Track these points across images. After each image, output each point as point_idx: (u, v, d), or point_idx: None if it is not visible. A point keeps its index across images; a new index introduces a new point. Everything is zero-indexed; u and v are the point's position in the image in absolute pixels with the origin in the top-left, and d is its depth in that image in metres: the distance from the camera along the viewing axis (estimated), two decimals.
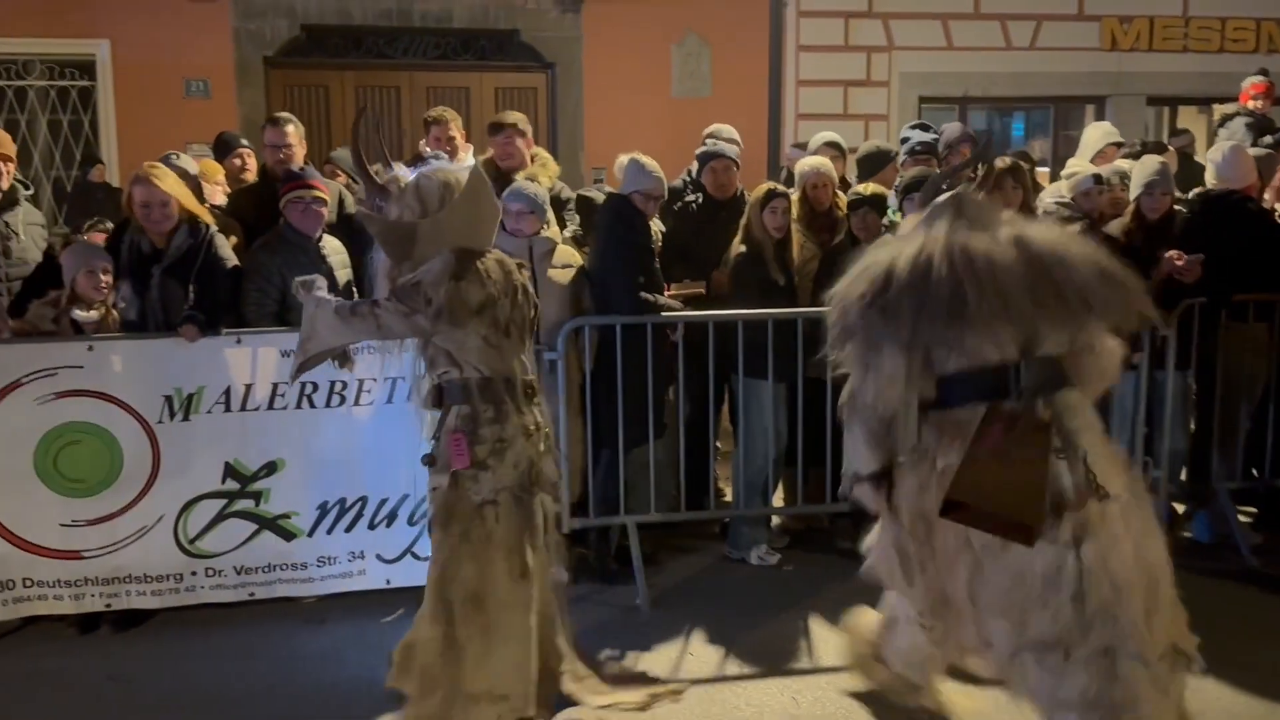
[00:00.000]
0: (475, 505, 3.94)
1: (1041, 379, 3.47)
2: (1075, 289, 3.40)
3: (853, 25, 10.70)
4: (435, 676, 3.96)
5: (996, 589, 3.45)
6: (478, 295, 3.89)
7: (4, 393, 4.78)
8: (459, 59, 10.48)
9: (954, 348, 3.49)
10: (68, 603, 4.95)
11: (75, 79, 9.73)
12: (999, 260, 3.41)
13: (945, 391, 3.57)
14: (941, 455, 3.53)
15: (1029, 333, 3.46)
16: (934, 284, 3.41)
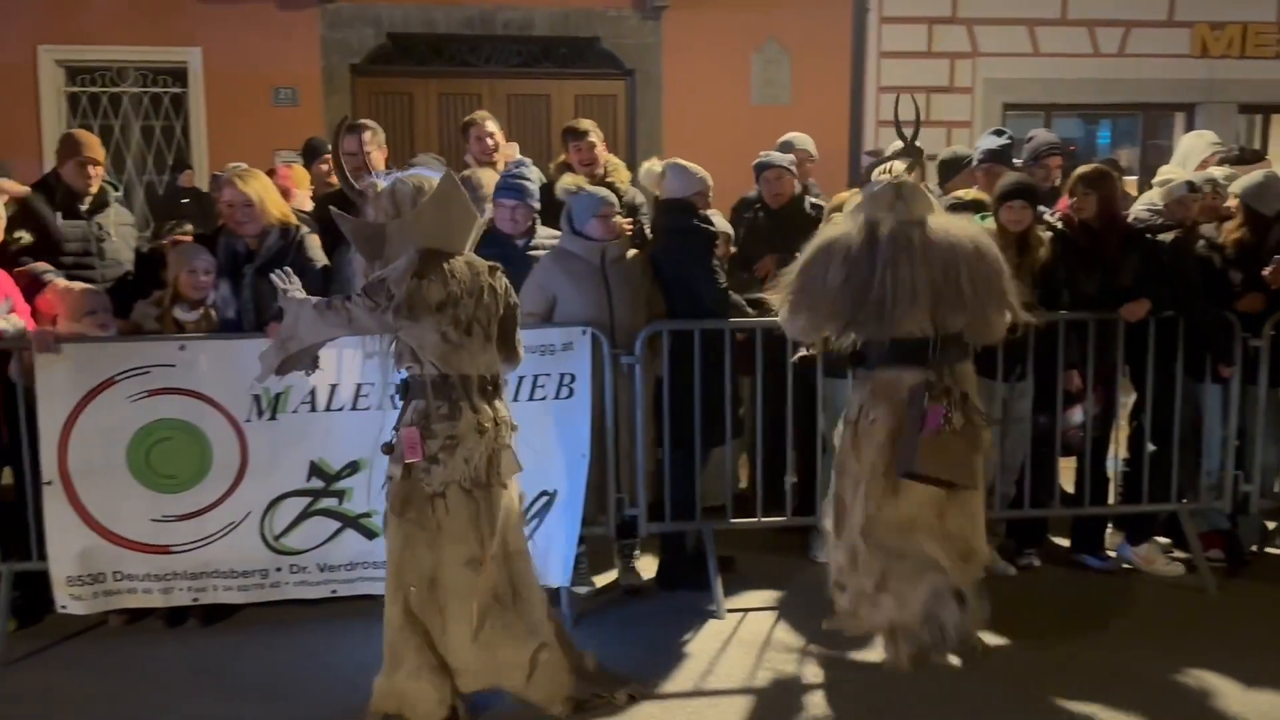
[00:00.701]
0: (427, 496, 4.13)
1: (949, 351, 4.56)
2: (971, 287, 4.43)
3: (936, 31, 10.60)
4: (399, 651, 4.19)
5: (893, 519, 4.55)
6: (438, 293, 4.05)
7: (98, 390, 4.90)
8: (539, 66, 10.57)
9: (889, 327, 4.47)
10: (156, 596, 5.05)
11: (167, 86, 9.97)
12: (917, 259, 4.41)
13: (876, 353, 4.61)
14: (872, 409, 4.61)
15: (940, 316, 4.48)
16: (873, 290, 4.41)
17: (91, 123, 9.83)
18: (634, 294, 5.40)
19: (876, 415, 4.59)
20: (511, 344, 4.38)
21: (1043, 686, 4.51)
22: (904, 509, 4.55)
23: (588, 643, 4.95)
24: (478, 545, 4.16)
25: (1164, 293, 5.56)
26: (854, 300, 4.47)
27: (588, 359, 5.22)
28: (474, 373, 4.17)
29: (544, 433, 5.22)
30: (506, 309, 4.32)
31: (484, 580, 4.20)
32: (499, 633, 4.24)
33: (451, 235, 4.18)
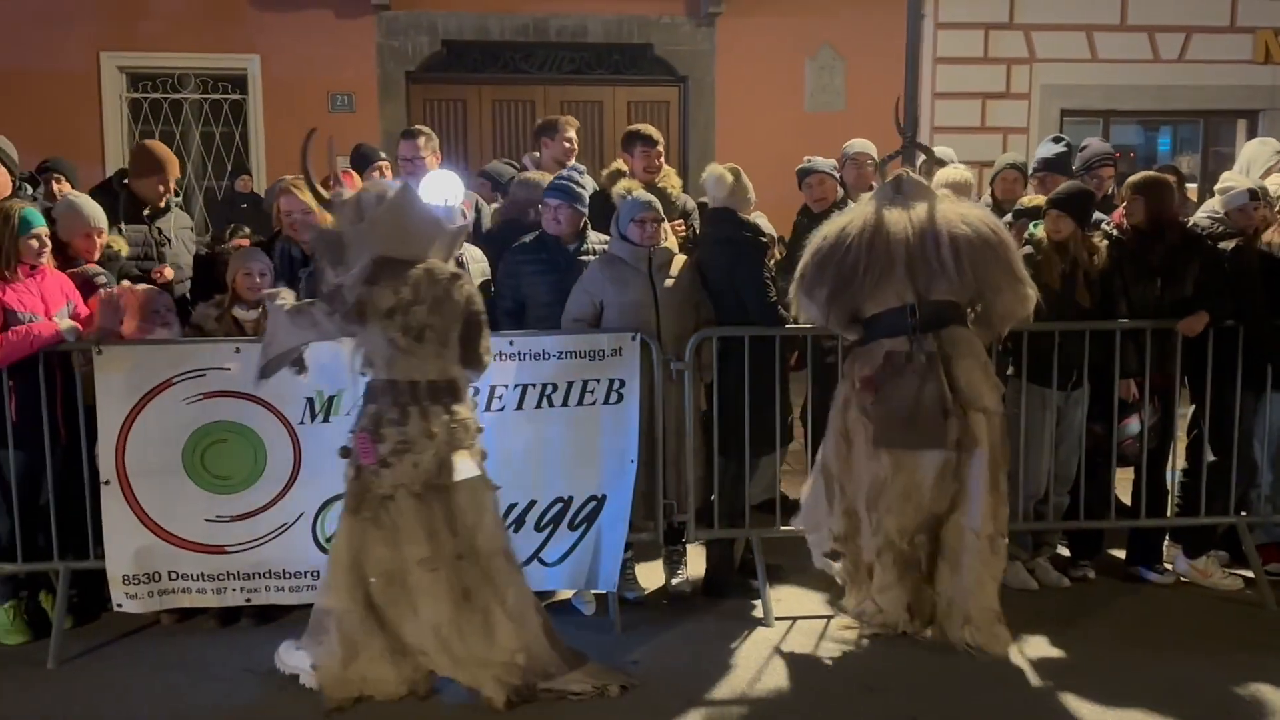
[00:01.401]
0: (379, 497, 4.29)
1: (931, 316, 4.73)
2: (952, 253, 4.68)
3: (993, 37, 10.51)
4: (356, 640, 4.35)
5: (894, 493, 4.76)
6: (387, 300, 4.20)
7: (155, 392, 4.97)
8: (593, 73, 10.60)
9: (870, 298, 4.78)
10: (210, 596, 5.10)
11: (227, 92, 10.11)
12: (896, 232, 4.72)
13: (868, 329, 4.86)
14: (854, 376, 4.84)
15: (919, 284, 4.71)
16: (846, 254, 4.77)
17: (153, 129, 10.00)
18: (682, 300, 5.39)
19: (858, 380, 4.86)
20: (475, 351, 4.46)
21: (1097, 699, 4.44)
22: (905, 479, 4.76)
23: (634, 648, 4.98)
24: (429, 547, 4.29)
25: (1225, 303, 5.48)
26: (832, 268, 4.82)
27: (637, 364, 5.22)
28: (424, 378, 4.30)
29: (593, 438, 5.24)
30: (469, 316, 4.41)
31: (445, 579, 4.31)
32: (464, 630, 4.35)
33: (409, 243, 4.32)
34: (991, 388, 4.83)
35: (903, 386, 4.71)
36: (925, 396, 4.67)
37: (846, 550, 5.03)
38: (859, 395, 4.83)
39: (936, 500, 4.79)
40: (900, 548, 4.85)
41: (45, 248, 5.05)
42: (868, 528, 4.87)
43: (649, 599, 5.59)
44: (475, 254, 5.65)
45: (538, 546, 5.25)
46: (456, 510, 4.35)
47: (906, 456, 4.74)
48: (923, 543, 4.88)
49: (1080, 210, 5.55)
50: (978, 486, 4.73)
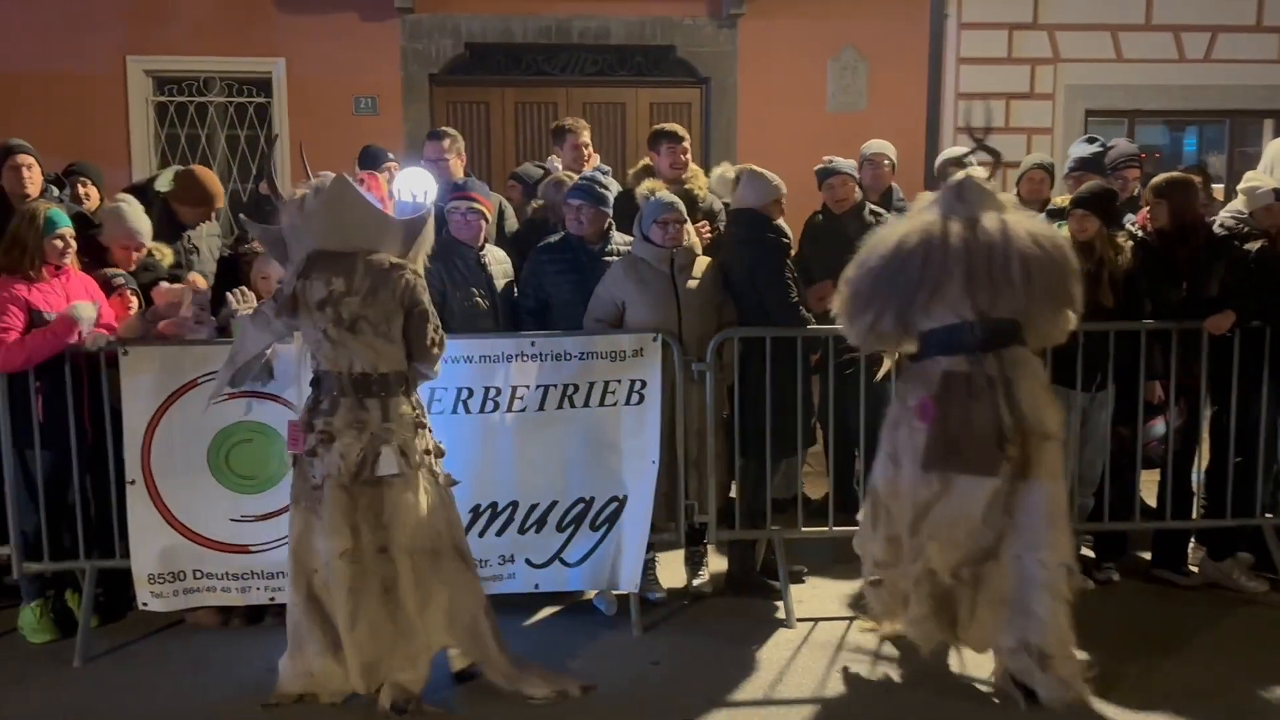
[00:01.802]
0: (310, 488, 4.36)
1: (993, 334, 4.42)
2: (1022, 272, 4.34)
3: (1017, 37, 10.44)
4: (302, 633, 4.42)
5: (939, 518, 4.43)
6: (318, 292, 4.27)
7: (181, 392, 5.01)
8: (615, 75, 10.60)
9: (925, 313, 4.46)
10: (235, 595, 5.13)
11: (252, 96, 10.17)
12: (955, 245, 4.38)
13: (922, 345, 4.56)
14: (911, 396, 4.54)
15: (980, 301, 4.38)
16: (900, 269, 4.44)
17: (178, 132, 10.05)
18: (704, 301, 5.40)
19: (914, 402, 4.56)
20: (420, 344, 4.42)
21: (1120, 703, 4.42)
22: (954, 506, 4.44)
23: (656, 649, 4.98)
24: (350, 539, 4.30)
25: (1251, 303, 5.44)
26: (886, 283, 4.51)
27: (658, 365, 5.22)
28: (356, 370, 4.32)
29: (614, 439, 5.25)
30: (411, 308, 4.38)
31: (364, 574, 4.33)
32: (380, 628, 4.36)
33: (346, 235, 4.34)
34: (1055, 411, 4.54)
35: (961, 409, 4.39)
36: (983, 420, 4.35)
37: (886, 578, 4.72)
38: (912, 416, 4.53)
39: (984, 532, 4.42)
40: (941, 580, 4.50)
41: (69, 248, 5.09)
42: (908, 554, 4.56)
43: (670, 599, 5.59)
44: (498, 255, 5.67)
45: (559, 547, 5.27)
46: (384, 504, 4.36)
47: (957, 481, 4.41)
48: (968, 578, 4.49)
49: (1105, 210, 5.52)
50: (1037, 518, 4.38)
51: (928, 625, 4.57)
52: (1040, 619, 4.35)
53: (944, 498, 4.44)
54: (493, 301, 5.52)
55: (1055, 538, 4.39)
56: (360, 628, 4.33)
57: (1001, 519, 4.41)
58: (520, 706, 4.45)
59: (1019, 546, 4.41)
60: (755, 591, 5.57)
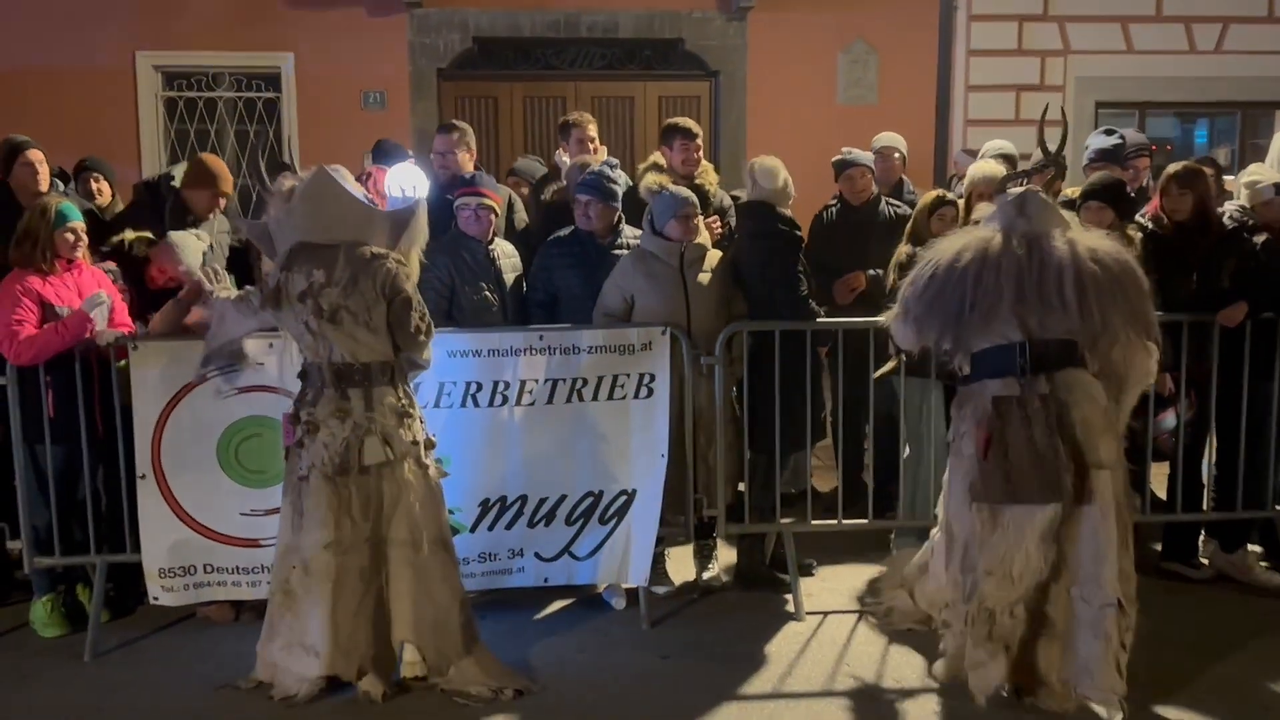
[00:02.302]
0: (297, 479, 4.40)
1: (1044, 356, 4.24)
2: (1076, 291, 4.14)
3: (1026, 29, 10.41)
4: (275, 624, 4.48)
5: (992, 553, 4.23)
6: (299, 284, 4.32)
7: (190, 387, 5.01)
8: (624, 68, 10.59)
9: (978, 333, 4.30)
10: (245, 589, 5.14)
11: (261, 91, 10.18)
12: (1008, 263, 4.20)
13: (974, 367, 4.39)
14: (959, 424, 4.43)
15: (1029, 321, 4.23)
16: (957, 285, 4.25)
17: (188, 127, 10.08)
18: (713, 296, 5.39)
19: (965, 430, 4.40)
20: (405, 332, 4.43)
21: (1133, 698, 4.38)
22: (1008, 539, 4.22)
23: (665, 642, 4.98)
24: (334, 531, 4.34)
25: (1262, 294, 5.41)
26: (938, 304, 4.33)
27: (667, 359, 5.22)
28: (339, 360, 4.35)
29: (623, 432, 5.25)
30: (393, 296, 4.39)
31: (349, 566, 4.37)
32: (360, 617, 4.41)
33: (328, 227, 4.38)
34: (1112, 439, 4.30)
35: (1016, 436, 4.16)
36: (1042, 444, 4.12)
37: (952, 619, 4.48)
38: (967, 447, 4.35)
39: (1039, 566, 4.21)
40: (1001, 620, 4.26)
41: (81, 242, 5.10)
42: (961, 592, 4.35)
43: (679, 593, 5.59)
44: (506, 249, 5.67)
45: (569, 540, 5.27)
46: (370, 494, 4.39)
47: (1005, 511, 4.21)
48: (1022, 616, 4.27)
49: (1119, 200, 5.50)
50: (1084, 554, 4.20)
51: (989, 670, 4.29)
52: (1083, 659, 4.21)
53: (995, 530, 4.25)
54: (501, 296, 5.52)
55: (1102, 573, 4.18)
56: (341, 617, 4.36)
57: (1053, 547, 4.21)
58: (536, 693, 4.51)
59: (1069, 582, 4.25)
60: (764, 585, 5.57)
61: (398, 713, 4.37)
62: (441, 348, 5.10)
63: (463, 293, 5.41)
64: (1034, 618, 4.28)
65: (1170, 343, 5.46)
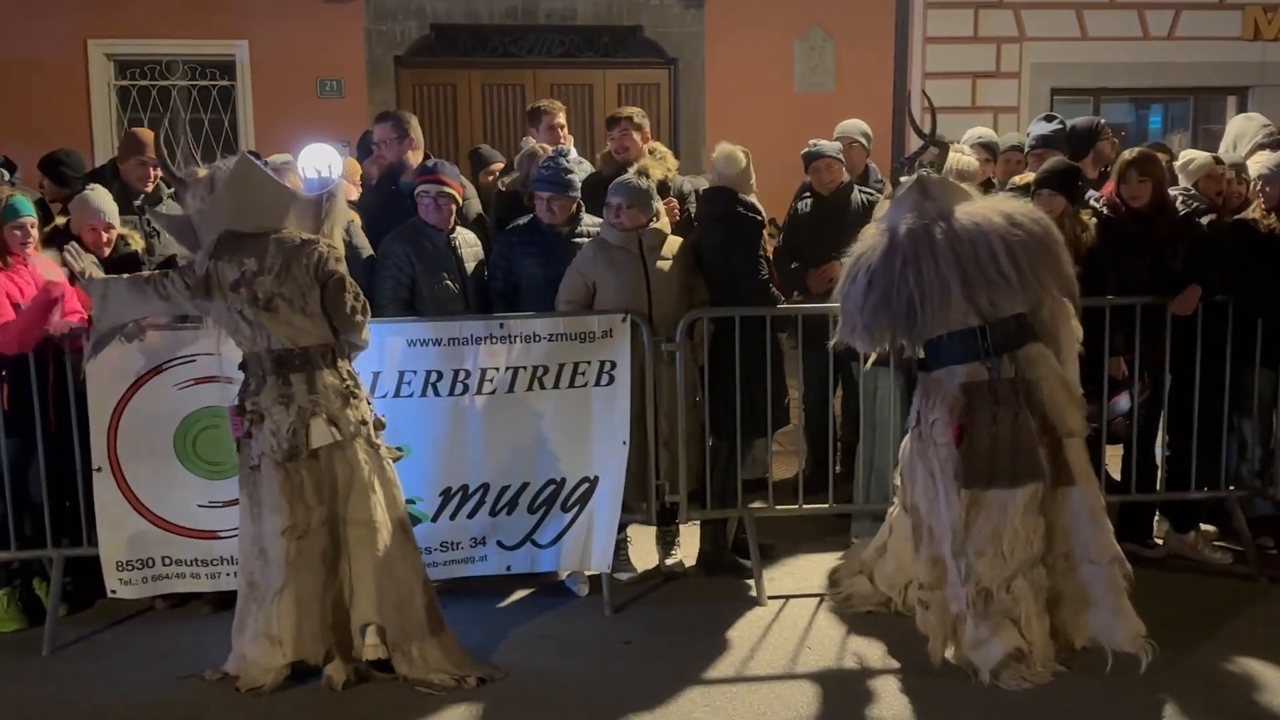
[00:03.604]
0: (249, 469, 4.40)
1: (1005, 337, 4.36)
2: (1010, 261, 4.27)
3: (982, 15, 10.49)
4: (243, 618, 4.46)
5: (981, 534, 4.35)
6: (231, 274, 4.29)
7: (147, 378, 4.97)
8: (582, 56, 10.58)
9: (934, 324, 4.36)
10: (204, 581, 5.10)
11: (216, 79, 10.08)
12: (942, 248, 4.29)
13: (931, 353, 4.49)
14: (929, 412, 4.49)
15: (981, 303, 4.32)
16: (900, 286, 4.33)
17: (141, 116, 9.97)
18: (674, 282, 5.40)
19: (936, 417, 4.50)
20: (341, 314, 4.42)
21: (1089, 673, 4.47)
22: (993, 519, 4.37)
23: (628, 629, 4.99)
24: (290, 516, 4.33)
25: (1214, 277, 5.48)
26: (886, 312, 4.43)
27: (627, 346, 5.22)
28: (278, 347, 4.35)
29: (584, 420, 5.25)
30: (326, 279, 4.39)
31: (309, 548, 4.36)
32: (323, 599, 4.42)
33: (255, 214, 4.37)
34: (1076, 408, 4.51)
35: (989, 421, 4.32)
36: (1016, 427, 4.30)
37: (933, 600, 4.59)
38: (936, 433, 4.48)
39: (1029, 539, 4.37)
40: (999, 596, 4.39)
41: (30, 238, 5.03)
42: (955, 576, 4.46)
43: (642, 579, 5.61)
44: (468, 238, 5.64)
45: (531, 528, 5.27)
46: (323, 477, 4.40)
47: (991, 493, 4.35)
48: (1025, 592, 4.40)
49: (1070, 187, 5.55)
50: (1082, 520, 4.46)
51: (991, 648, 4.39)
52: (1105, 616, 4.49)
53: (980, 512, 4.38)
54: (463, 285, 5.50)
55: (1101, 537, 4.47)
56: (304, 602, 4.36)
57: (1039, 519, 4.39)
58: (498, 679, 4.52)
59: (1067, 548, 4.48)
60: (727, 570, 5.59)
61: (359, 701, 4.36)
62: (401, 336, 5.09)
63: (424, 282, 5.39)
64: (1039, 593, 4.44)
65: (1123, 326, 5.53)
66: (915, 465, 4.62)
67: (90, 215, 5.33)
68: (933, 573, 4.58)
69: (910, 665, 4.62)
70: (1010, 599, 4.40)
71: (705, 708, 4.33)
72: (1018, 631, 4.40)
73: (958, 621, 4.51)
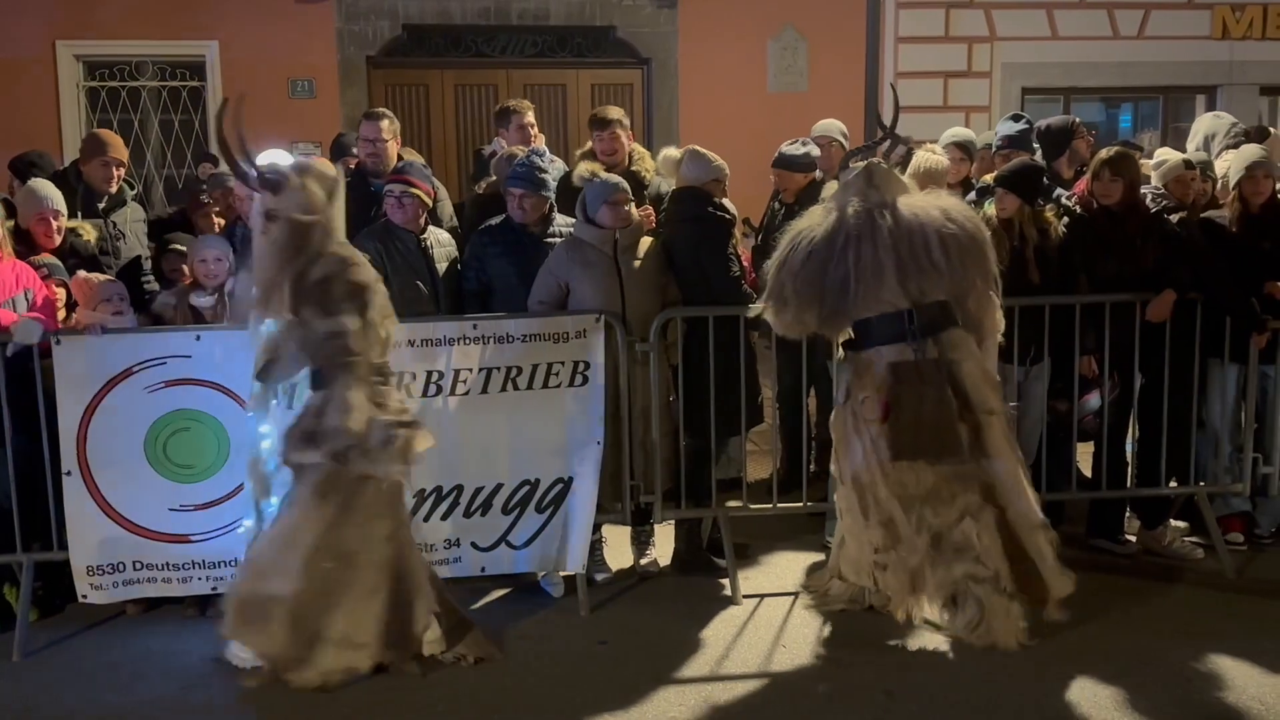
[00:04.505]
0: (355, 479, 4.36)
1: (930, 321, 4.64)
2: (943, 253, 4.57)
3: (953, 15, 10.55)
4: (308, 624, 4.34)
5: (925, 490, 4.62)
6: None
7: (116, 381, 4.93)
8: (555, 56, 10.57)
9: (862, 305, 4.64)
10: (175, 585, 5.07)
11: (186, 79, 10.02)
12: (882, 235, 4.58)
13: (861, 334, 4.76)
14: (859, 390, 4.74)
15: (911, 289, 4.59)
16: (836, 262, 4.63)
17: (111, 117, 9.90)
18: (647, 282, 5.39)
19: (866, 395, 4.75)
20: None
21: (1060, 671, 4.50)
22: (926, 478, 4.66)
23: (603, 629, 5.00)
24: (393, 520, 4.46)
25: (1185, 275, 5.52)
26: (819, 284, 4.68)
27: (601, 346, 5.22)
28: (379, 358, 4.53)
29: (558, 420, 5.25)
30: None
31: (400, 553, 4.51)
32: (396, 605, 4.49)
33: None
34: (993, 388, 4.77)
35: (916, 399, 4.60)
36: (939, 405, 4.58)
37: (890, 561, 4.80)
38: (865, 409, 4.72)
39: (963, 490, 4.66)
40: (951, 538, 4.67)
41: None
42: (909, 529, 4.71)
43: (617, 579, 5.61)
44: (441, 237, 5.63)
45: (506, 529, 5.26)
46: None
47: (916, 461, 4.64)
48: (970, 526, 4.66)
49: (1026, 188, 5.57)
50: (1012, 484, 4.69)
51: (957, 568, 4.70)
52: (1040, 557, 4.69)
53: (922, 477, 4.65)
54: (434, 287, 5.48)
55: (1022, 501, 4.68)
56: (379, 604, 4.43)
57: (975, 490, 4.66)
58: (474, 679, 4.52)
59: (1003, 510, 4.70)
60: (702, 569, 5.60)
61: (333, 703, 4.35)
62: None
63: (393, 281, 5.35)
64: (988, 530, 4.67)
65: (1093, 327, 5.57)
66: (851, 439, 4.84)
67: (37, 205, 5.31)
68: (886, 536, 4.77)
69: (884, 662, 4.64)
70: (961, 534, 4.66)
71: (680, 707, 4.34)
72: (974, 558, 4.65)
73: (916, 575, 4.74)
